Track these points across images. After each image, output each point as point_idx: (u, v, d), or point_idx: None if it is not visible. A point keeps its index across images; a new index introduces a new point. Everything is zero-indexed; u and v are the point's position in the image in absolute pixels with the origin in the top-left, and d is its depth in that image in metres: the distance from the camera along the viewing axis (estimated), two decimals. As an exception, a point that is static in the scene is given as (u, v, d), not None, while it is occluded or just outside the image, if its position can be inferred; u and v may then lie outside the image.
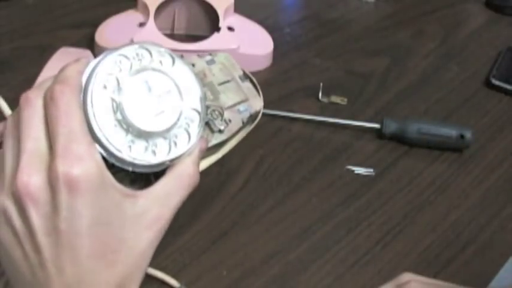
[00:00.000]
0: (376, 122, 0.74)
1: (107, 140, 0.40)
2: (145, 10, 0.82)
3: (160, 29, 0.81)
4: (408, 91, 0.82)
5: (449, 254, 0.60)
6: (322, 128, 0.74)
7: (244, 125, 0.52)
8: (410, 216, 0.64)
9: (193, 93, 0.43)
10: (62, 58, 0.68)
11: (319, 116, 0.75)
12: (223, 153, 0.51)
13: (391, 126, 0.73)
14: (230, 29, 0.83)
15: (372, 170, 0.69)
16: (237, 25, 0.84)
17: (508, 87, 0.84)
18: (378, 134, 0.73)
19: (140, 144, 0.41)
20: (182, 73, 0.42)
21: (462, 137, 0.72)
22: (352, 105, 0.78)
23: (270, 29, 0.87)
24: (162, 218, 0.41)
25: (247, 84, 0.54)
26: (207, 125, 0.50)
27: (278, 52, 0.86)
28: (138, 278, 0.41)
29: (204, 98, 0.43)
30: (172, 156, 0.42)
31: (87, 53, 0.71)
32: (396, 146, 0.73)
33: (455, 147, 0.73)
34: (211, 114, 0.50)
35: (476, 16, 1.04)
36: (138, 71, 0.41)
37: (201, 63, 0.51)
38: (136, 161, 0.41)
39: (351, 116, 0.75)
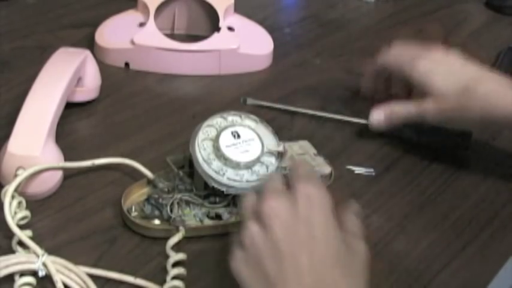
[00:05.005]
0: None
1: (209, 167, 0.56)
2: (145, 10, 0.82)
3: (160, 29, 0.81)
4: (408, 91, 0.82)
5: (449, 254, 0.60)
6: (323, 127, 0.74)
7: None
8: (411, 216, 0.64)
9: (271, 142, 0.60)
10: (62, 58, 0.68)
11: (320, 112, 0.75)
12: None
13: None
14: (230, 29, 0.83)
15: (372, 170, 0.69)
16: (237, 25, 0.84)
17: (508, 87, 0.84)
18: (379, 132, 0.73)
19: (231, 172, 0.57)
20: (263, 128, 0.61)
21: (462, 137, 0.72)
22: (352, 105, 0.78)
23: (270, 29, 0.87)
24: None
25: (319, 159, 0.65)
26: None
27: (278, 52, 0.86)
28: None
29: (279, 145, 0.60)
30: (255, 183, 0.56)
31: (87, 52, 0.71)
32: (396, 146, 0.73)
33: (455, 147, 0.73)
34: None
35: (476, 16, 1.04)
36: (230, 127, 0.59)
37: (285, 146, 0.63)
38: (229, 184, 0.56)
39: (351, 116, 0.75)
